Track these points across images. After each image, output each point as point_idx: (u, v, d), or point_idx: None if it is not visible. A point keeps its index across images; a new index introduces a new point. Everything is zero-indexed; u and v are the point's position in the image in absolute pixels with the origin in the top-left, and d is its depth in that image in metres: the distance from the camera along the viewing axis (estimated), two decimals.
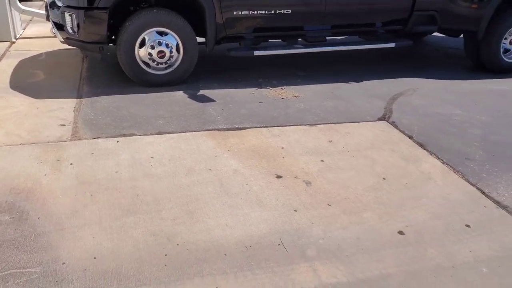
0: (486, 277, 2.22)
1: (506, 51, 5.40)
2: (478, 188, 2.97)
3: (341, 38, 5.59)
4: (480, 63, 5.44)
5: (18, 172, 2.94)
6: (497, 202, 2.82)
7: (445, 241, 2.46)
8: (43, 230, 2.40)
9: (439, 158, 3.32)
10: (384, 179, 3.03)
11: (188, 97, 4.30)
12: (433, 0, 4.98)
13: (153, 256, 2.25)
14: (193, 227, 2.48)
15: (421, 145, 3.50)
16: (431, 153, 3.39)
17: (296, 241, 2.40)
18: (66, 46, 5.26)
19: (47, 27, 6.49)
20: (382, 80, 4.96)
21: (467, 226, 2.60)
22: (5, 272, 2.11)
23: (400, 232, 2.52)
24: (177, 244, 2.34)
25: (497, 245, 2.45)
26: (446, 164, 3.25)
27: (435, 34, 6.28)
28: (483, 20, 5.04)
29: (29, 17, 7.29)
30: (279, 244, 2.37)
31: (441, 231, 2.54)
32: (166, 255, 2.26)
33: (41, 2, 8.81)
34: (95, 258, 2.22)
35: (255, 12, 4.56)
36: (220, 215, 2.59)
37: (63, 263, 2.18)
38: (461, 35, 5.51)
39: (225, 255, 2.28)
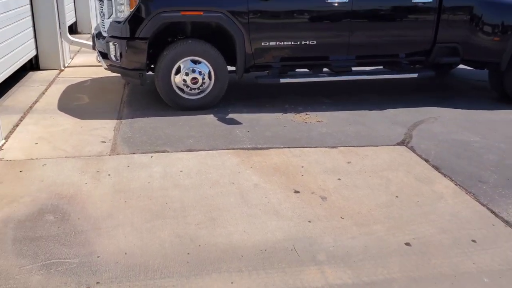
0: (486, 286, 2.35)
1: None
2: (488, 208, 3.09)
3: (366, 68, 5.81)
4: (504, 94, 5.53)
5: (62, 181, 3.29)
6: (506, 222, 2.94)
7: (450, 253, 2.60)
8: (82, 229, 2.71)
9: (452, 180, 3.46)
10: (397, 197, 3.20)
11: (218, 120, 4.62)
12: (455, 33, 5.17)
13: (177, 254, 2.50)
14: (214, 232, 2.72)
15: (436, 168, 3.65)
16: (445, 175, 3.54)
17: (308, 248, 2.60)
18: (110, 74, 5.73)
19: (93, 57, 7.05)
20: (405, 108, 5.14)
21: (473, 241, 2.73)
22: (49, 261, 2.41)
23: (407, 244, 2.68)
24: (199, 245, 2.59)
25: (501, 259, 2.56)
26: (459, 185, 3.39)
27: (463, 67, 6.44)
28: (505, 52, 5.18)
29: (77, 48, 7.91)
30: (291, 249, 2.58)
31: (447, 244, 2.68)
32: (188, 253, 2.51)
33: (88, 35, 9.54)
34: (126, 253, 2.49)
35: (282, 43, 4.89)
36: (239, 223, 2.83)
37: (98, 257, 2.46)
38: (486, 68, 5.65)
39: (242, 256, 2.51)
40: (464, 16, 5.15)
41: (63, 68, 6.83)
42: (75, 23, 9.72)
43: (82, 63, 7.24)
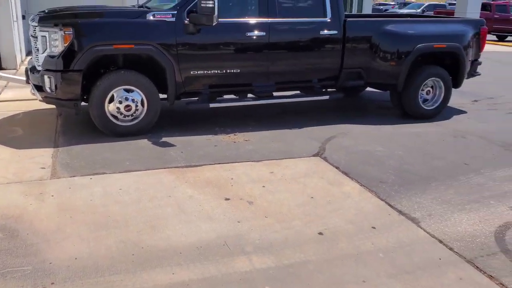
0: (381, 259, 2.91)
1: (425, 100, 6.42)
2: (386, 202, 3.72)
3: (285, 93, 6.43)
4: (404, 112, 6.40)
5: (7, 203, 3.49)
6: (400, 211, 3.57)
7: (354, 238, 3.15)
8: (32, 242, 2.96)
9: (358, 182, 4.08)
10: (312, 197, 3.74)
11: (152, 143, 4.98)
12: (358, 60, 5.97)
13: (122, 256, 2.84)
14: (155, 236, 3.09)
15: (345, 173, 4.27)
16: (352, 178, 4.16)
17: (237, 242, 3.04)
18: (42, 107, 5.93)
19: (21, 92, 7.15)
20: (321, 126, 5.81)
21: (373, 228, 3.31)
22: (3, 270, 2.65)
23: (320, 233, 3.20)
24: (142, 248, 2.94)
25: (394, 240, 3.16)
26: (364, 186, 4.01)
27: (371, 89, 7.31)
28: (401, 75, 6.04)
29: (4, 83, 7.92)
30: (224, 245, 3.01)
31: (353, 232, 3.24)
32: (133, 254, 2.86)
33: (14, 70, 9.51)
34: (76, 258, 2.79)
35: (209, 72, 5.39)
36: (177, 228, 3.21)
37: (50, 263, 2.74)
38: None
39: (180, 253, 2.90)
40: (364, 45, 5.98)
41: None
42: None
43: (11, 98, 7.28)
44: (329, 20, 5.79)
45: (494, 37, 22.32)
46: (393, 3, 51.07)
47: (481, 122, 6.36)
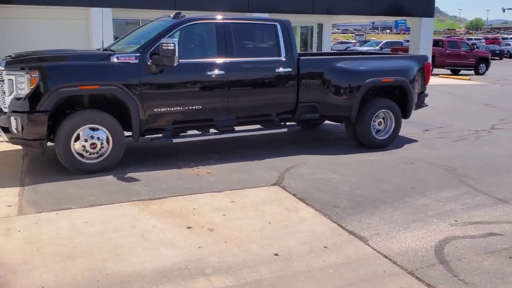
0: (331, 274, 3.17)
1: (378, 131, 6.86)
2: (338, 224, 4.01)
3: (245, 127, 6.75)
4: (359, 142, 6.81)
5: None
6: (350, 232, 3.86)
7: (307, 257, 3.41)
8: None
9: (313, 207, 4.37)
10: (269, 223, 4.00)
11: (117, 179, 5.16)
12: (312, 95, 6.39)
13: (88, 282, 2.99)
14: (119, 264, 3.26)
15: (302, 200, 4.56)
16: (308, 204, 4.45)
17: (198, 265, 3.25)
18: (7, 148, 6.03)
19: None
20: (280, 157, 6.12)
21: (325, 247, 3.58)
22: None
23: (276, 254, 3.44)
24: (107, 274, 3.10)
25: (343, 256, 3.43)
26: (318, 210, 4.30)
27: (330, 122, 7.74)
28: (353, 108, 6.49)
29: None
30: (185, 268, 3.21)
31: (306, 251, 3.50)
32: (98, 281, 3.02)
33: None
34: (43, 287, 2.93)
35: (172, 109, 5.67)
36: (141, 255, 3.39)
37: None
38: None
39: (144, 277, 3.07)
40: (317, 81, 6.41)
41: None
42: None
43: None
44: (283, 59, 6.22)
45: (448, 71, 23.67)
46: (354, 41, 53.38)
47: (430, 150, 6.82)
